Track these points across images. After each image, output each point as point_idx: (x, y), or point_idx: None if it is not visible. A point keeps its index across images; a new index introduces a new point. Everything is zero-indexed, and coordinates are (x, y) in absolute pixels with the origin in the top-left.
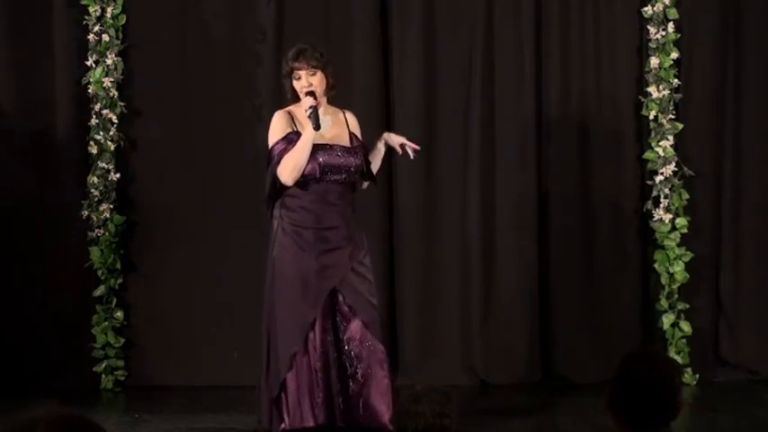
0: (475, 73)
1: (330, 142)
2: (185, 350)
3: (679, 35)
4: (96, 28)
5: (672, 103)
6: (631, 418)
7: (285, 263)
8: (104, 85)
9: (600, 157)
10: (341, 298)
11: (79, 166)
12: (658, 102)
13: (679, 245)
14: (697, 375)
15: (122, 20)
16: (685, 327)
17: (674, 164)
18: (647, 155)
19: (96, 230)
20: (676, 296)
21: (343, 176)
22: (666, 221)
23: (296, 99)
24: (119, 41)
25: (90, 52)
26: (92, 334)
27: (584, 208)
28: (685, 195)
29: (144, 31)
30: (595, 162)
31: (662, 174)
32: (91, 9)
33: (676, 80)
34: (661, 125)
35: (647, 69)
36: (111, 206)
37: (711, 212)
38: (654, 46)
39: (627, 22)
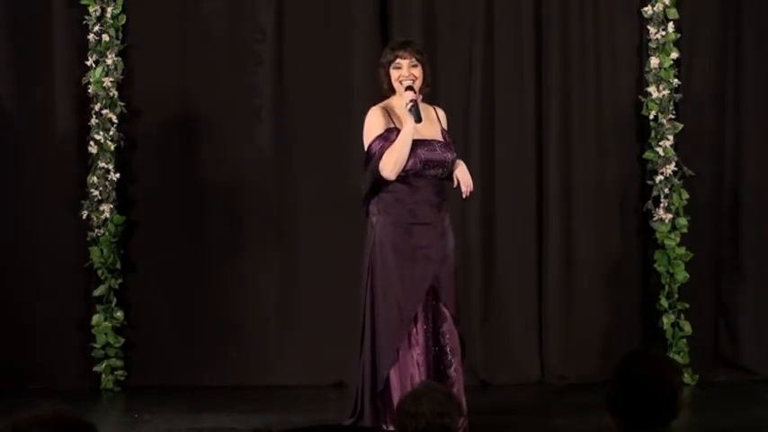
0: (475, 73)
1: (427, 137)
2: (185, 350)
3: (679, 35)
4: (96, 28)
5: (672, 103)
6: (631, 419)
7: (385, 259)
8: (104, 85)
9: (600, 157)
10: (436, 292)
11: (79, 166)
12: (658, 102)
13: (679, 245)
14: (697, 375)
15: (122, 20)
16: (685, 327)
17: (674, 164)
18: (647, 155)
19: (96, 230)
20: (676, 296)
21: (440, 171)
22: (666, 221)
23: (391, 91)
24: (119, 41)
25: (90, 52)
26: (92, 334)
27: (583, 208)
28: (685, 195)
29: (144, 31)
30: (595, 162)
31: (662, 174)
32: (91, 9)
33: (676, 80)
34: (661, 125)
35: (647, 69)
36: (111, 206)
37: (711, 212)
38: (654, 46)
39: (627, 22)
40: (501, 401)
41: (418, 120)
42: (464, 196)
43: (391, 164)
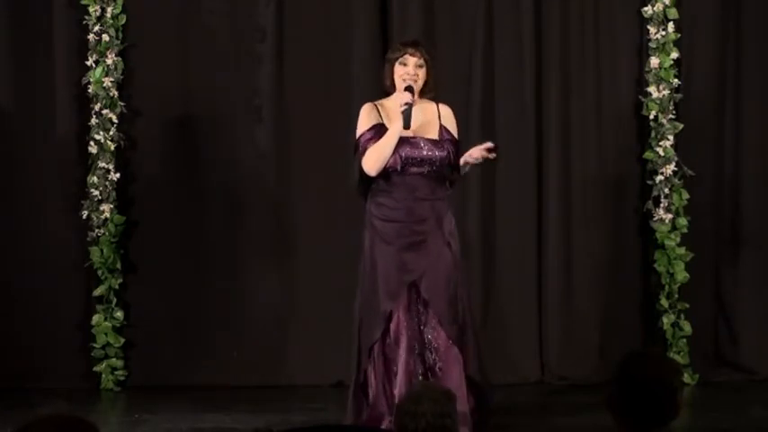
0: (475, 72)
1: (415, 135)
2: (185, 350)
3: (679, 35)
4: (96, 28)
5: (672, 103)
6: (631, 419)
7: (371, 256)
8: (104, 85)
9: (600, 157)
10: (420, 291)
11: (79, 166)
12: (658, 102)
13: (679, 245)
14: (697, 375)
15: (122, 20)
16: (685, 327)
17: (674, 164)
18: (647, 155)
19: (96, 230)
20: (676, 296)
21: (426, 169)
22: (666, 221)
23: (392, 87)
24: (119, 41)
25: (90, 52)
26: (92, 334)
27: (583, 208)
28: (685, 195)
29: (144, 31)
30: (595, 162)
31: (662, 174)
32: (91, 9)
33: (676, 80)
34: (661, 125)
35: (647, 69)
36: (111, 206)
37: (711, 212)
38: (654, 46)
39: (627, 22)
40: (501, 401)
41: (407, 126)
42: (491, 156)
43: (372, 161)
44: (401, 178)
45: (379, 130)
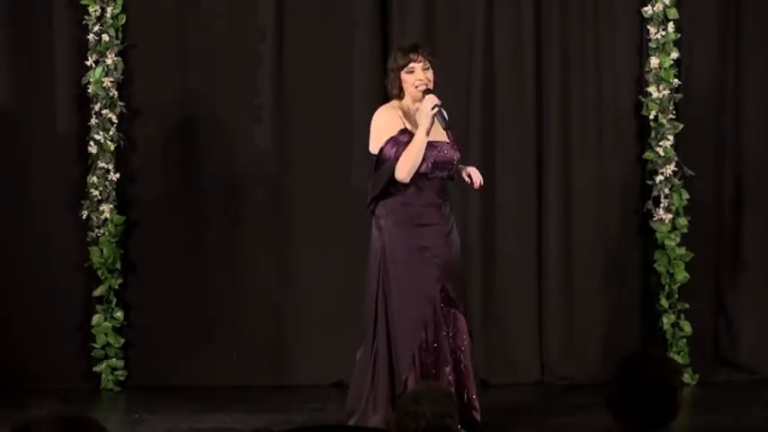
0: (475, 72)
1: (436, 140)
2: (185, 350)
3: (679, 35)
4: (96, 28)
5: (672, 103)
6: (631, 419)
7: (396, 262)
8: (104, 85)
9: (600, 157)
10: (448, 291)
11: (79, 166)
12: (658, 102)
13: (679, 245)
14: (697, 375)
15: (122, 20)
16: (685, 327)
17: (674, 164)
18: (647, 155)
19: (96, 230)
20: (676, 296)
21: (446, 172)
22: (666, 221)
23: (400, 95)
24: (119, 41)
25: (90, 52)
26: (92, 334)
27: (583, 208)
28: (685, 195)
29: (144, 31)
30: (595, 162)
31: (662, 174)
32: (91, 9)
33: (676, 80)
34: (661, 125)
35: (647, 69)
36: (111, 206)
37: (711, 212)
38: (654, 46)
39: (627, 22)
40: (501, 401)
41: (448, 126)
42: (476, 187)
43: (408, 167)
44: (427, 182)
45: (401, 137)
